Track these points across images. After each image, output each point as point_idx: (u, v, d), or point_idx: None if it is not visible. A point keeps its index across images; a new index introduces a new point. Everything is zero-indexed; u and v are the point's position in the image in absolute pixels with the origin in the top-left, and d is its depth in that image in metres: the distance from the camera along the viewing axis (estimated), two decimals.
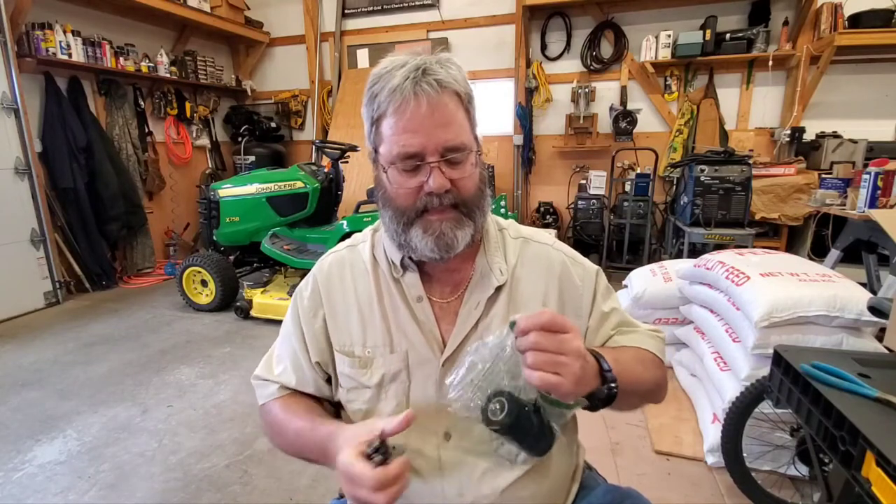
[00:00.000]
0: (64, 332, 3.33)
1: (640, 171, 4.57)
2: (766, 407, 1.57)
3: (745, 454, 1.60)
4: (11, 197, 3.65)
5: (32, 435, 2.13)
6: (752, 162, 3.64)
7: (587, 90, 4.72)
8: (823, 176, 3.56)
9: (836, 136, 3.93)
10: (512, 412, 0.58)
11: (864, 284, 1.89)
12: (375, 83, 0.70)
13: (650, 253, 4.36)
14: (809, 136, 4.16)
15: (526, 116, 4.94)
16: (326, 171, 3.80)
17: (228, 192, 3.71)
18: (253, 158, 5.32)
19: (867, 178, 2.53)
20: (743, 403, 1.56)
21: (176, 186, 5.27)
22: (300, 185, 3.59)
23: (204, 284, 3.69)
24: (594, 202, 4.59)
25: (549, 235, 0.88)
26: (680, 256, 3.65)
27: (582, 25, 4.75)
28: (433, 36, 5.22)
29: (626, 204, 4.34)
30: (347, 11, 5.46)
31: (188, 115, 5.29)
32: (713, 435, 1.79)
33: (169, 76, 4.87)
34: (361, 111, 0.75)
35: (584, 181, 4.83)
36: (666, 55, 4.37)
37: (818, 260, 2.87)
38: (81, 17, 4.24)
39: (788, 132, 4.20)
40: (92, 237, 4.18)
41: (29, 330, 3.39)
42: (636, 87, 4.73)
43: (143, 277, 4.63)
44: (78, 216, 4.10)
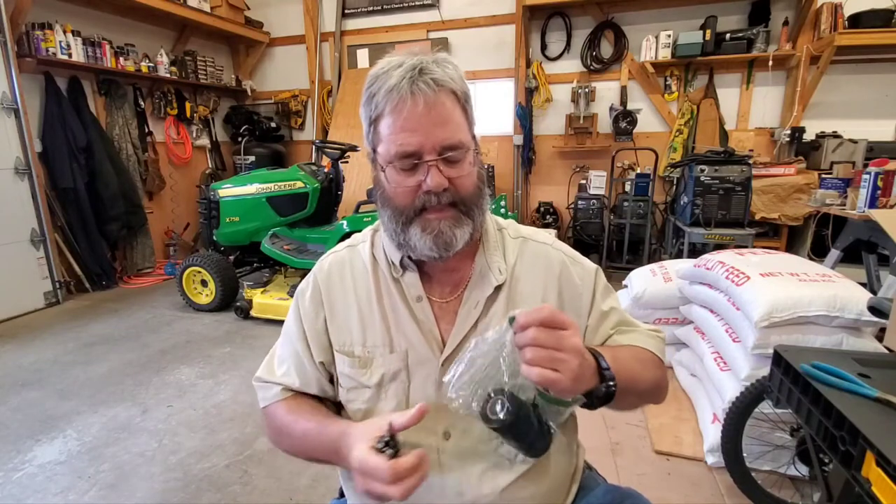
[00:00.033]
0: (64, 332, 3.33)
1: (640, 171, 4.57)
2: (766, 407, 1.57)
3: (745, 454, 1.60)
4: (11, 197, 3.66)
5: (32, 435, 2.13)
6: (752, 162, 3.64)
7: (587, 90, 4.72)
8: (823, 176, 3.56)
9: (836, 136, 3.93)
10: (511, 411, 0.57)
11: (864, 284, 1.89)
12: (373, 83, 0.70)
13: (650, 253, 4.36)
14: (809, 136, 4.16)
15: (526, 116, 4.94)
16: (326, 171, 3.80)
17: (228, 192, 3.71)
18: (253, 158, 5.32)
19: (867, 178, 2.53)
20: (743, 403, 1.56)
21: (176, 186, 5.27)
22: (300, 185, 3.59)
23: (204, 284, 3.70)
24: (594, 202, 4.59)
25: (548, 235, 0.87)
26: (680, 256, 3.64)
27: (582, 25, 4.75)
28: (433, 36, 5.22)
29: (626, 204, 4.34)
30: (347, 11, 5.46)
31: (188, 115, 5.30)
32: (713, 435, 1.79)
33: (169, 76, 4.87)
34: (359, 112, 0.75)
35: (584, 181, 4.83)
36: (666, 55, 4.37)
37: (818, 260, 2.87)
38: (81, 17, 4.24)
39: (788, 132, 4.20)
40: (92, 237, 4.18)
41: (29, 330, 3.39)
42: (636, 87, 4.73)
43: (143, 277, 4.63)
44: (78, 216, 4.10)
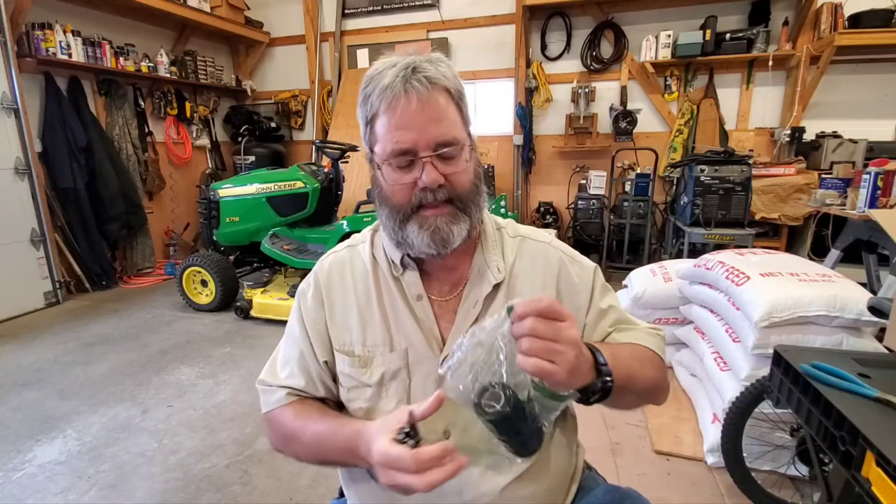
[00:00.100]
0: (64, 332, 3.33)
1: (640, 171, 4.57)
2: (766, 407, 1.57)
3: (745, 454, 1.60)
4: (11, 197, 3.66)
5: (32, 435, 2.13)
6: (752, 162, 3.64)
7: (587, 90, 4.72)
8: (823, 176, 3.56)
9: (836, 136, 3.93)
10: (507, 405, 0.57)
11: (864, 284, 1.89)
12: (368, 84, 0.71)
13: (650, 253, 4.36)
14: (809, 136, 4.16)
15: (526, 116, 4.94)
16: (326, 171, 3.81)
17: (228, 192, 3.71)
18: (253, 158, 5.32)
19: (867, 178, 2.53)
20: (743, 403, 1.56)
21: (176, 186, 5.27)
22: (300, 185, 3.60)
23: (204, 284, 3.69)
24: (594, 202, 4.59)
25: (547, 234, 0.88)
26: (680, 256, 3.64)
27: (582, 25, 4.75)
28: (433, 36, 5.22)
29: (626, 204, 4.34)
30: (347, 11, 5.46)
31: (188, 115, 5.29)
32: (713, 435, 1.79)
33: (169, 76, 4.87)
34: (356, 112, 0.76)
35: (584, 181, 4.83)
36: (666, 55, 4.37)
37: (818, 260, 2.87)
38: (81, 17, 4.24)
39: (788, 132, 4.20)
40: (92, 237, 4.19)
41: (29, 330, 3.39)
42: (636, 87, 4.73)
43: (143, 277, 4.63)
44: (78, 216, 4.10)
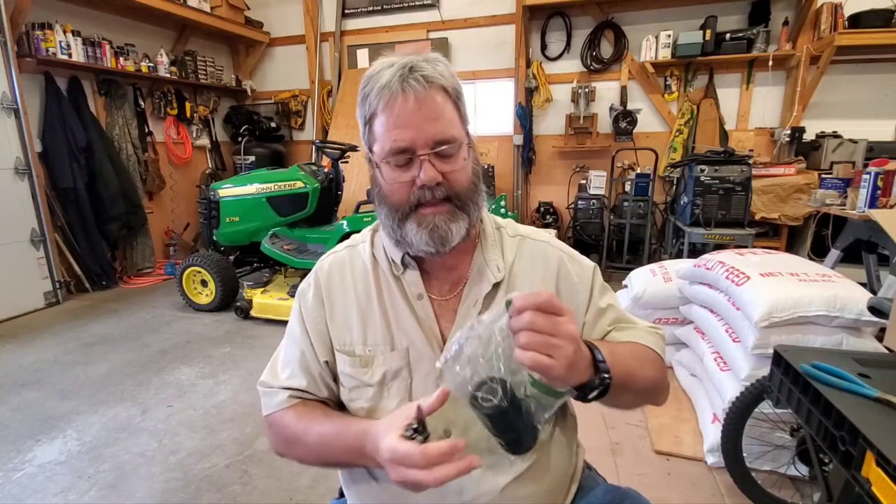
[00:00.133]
0: (64, 332, 3.33)
1: (640, 171, 4.57)
2: (766, 407, 1.57)
3: (745, 454, 1.60)
4: (11, 197, 3.65)
5: (32, 435, 2.13)
6: (752, 162, 3.64)
7: (587, 90, 4.72)
8: (823, 176, 3.56)
9: (836, 136, 3.93)
10: (504, 399, 0.56)
11: (864, 284, 1.89)
12: (366, 84, 0.72)
13: (650, 253, 4.36)
14: (809, 136, 4.16)
15: (526, 116, 4.93)
16: (326, 171, 3.80)
17: (228, 192, 3.71)
18: (253, 158, 5.32)
19: (867, 178, 2.53)
20: (743, 403, 1.56)
21: (176, 186, 5.27)
22: (300, 185, 3.59)
23: (204, 284, 3.69)
24: (594, 202, 4.59)
25: (546, 234, 0.88)
26: (680, 256, 3.64)
27: (582, 25, 4.75)
28: (433, 36, 5.22)
29: (626, 204, 4.34)
30: (347, 11, 5.46)
31: (188, 115, 5.29)
32: (713, 435, 1.79)
33: (169, 76, 4.87)
34: (356, 113, 0.76)
35: (584, 181, 4.82)
36: (666, 55, 4.37)
37: (818, 260, 2.87)
38: (81, 17, 4.24)
39: (788, 132, 4.20)
40: (92, 237, 4.18)
41: (29, 330, 3.39)
42: (636, 87, 4.73)
43: (143, 277, 4.63)
44: (78, 216, 4.10)
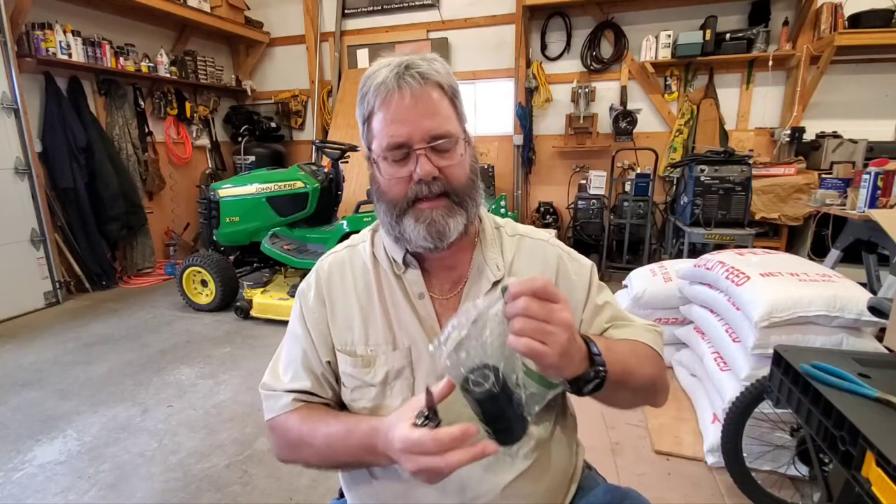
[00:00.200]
0: (64, 332, 3.33)
1: (640, 171, 4.57)
2: (766, 407, 1.57)
3: (745, 454, 1.60)
4: (11, 197, 3.65)
5: (32, 435, 2.13)
6: (752, 162, 3.64)
7: (587, 90, 4.72)
8: (823, 176, 3.56)
9: (836, 136, 3.93)
10: (496, 384, 0.56)
11: (864, 284, 1.89)
12: (364, 84, 0.73)
13: (650, 253, 4.36)
14: (809, 136, 4.16)
15: (526, 116, 4.93)
16: (326, 171, 3.80)
17: (228, 192, 3.71)
18: (253, 158, 5.32)
19: (867, 178, 2.53)
20: (743, 403, 1.56)
21: (176, 186, 5.27)
22: (300, 185, 3.59)
23: (204, 284, 3.69)
24: (594, 202, 4.58)
25: (545, 233, 0.89)
26: (680, 256, 3.64)
27: (582, 25, 4.75)
28: (433, 36, 5.22)
29: (626, 204, 4.34)
30: (347, 11, 5.46)
31: (188, 115, 5.29)
32: (713, 435, 1.79)
33: (169, 76, 4.87)
34: (355, 113, 0.77)
35: (584, 181, 4.82)
36: (666, 55, 4.37)
37: (818, 260, 2.87)
38: (81, 17, 4.24)
39: (788, 132, 4.20)
40: (92, 237, 4.18)
41: (29, 330, 3.39)
42: (636, 87, 4.73)
43: (143, 277, 4.63)
44: (78, 216, 4.10)
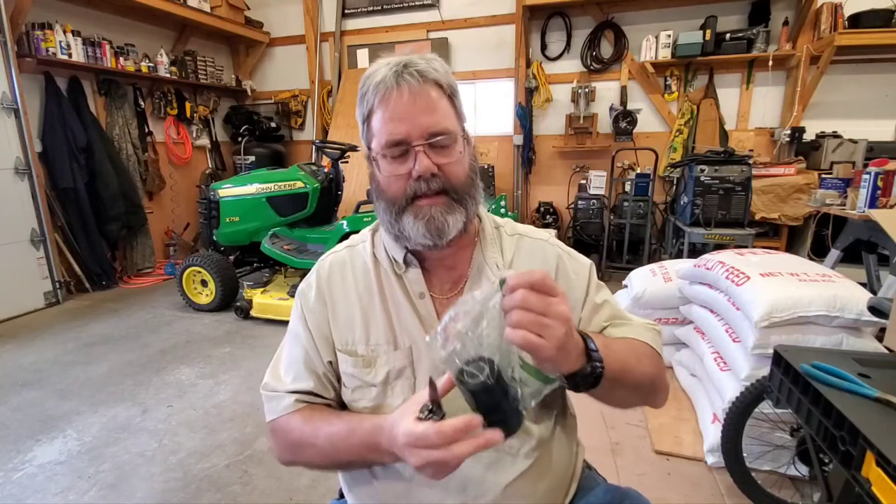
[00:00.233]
0: (64, 332, 3.33)
1: (640, 171, 4.57)
2: (766, 407, 1.57)
3: (745, 454, 1.60)
4: (11, 197, 3.65)
5: (32, 435, 2.13)
6: (752, 162, 3.64)
7: (587, 90, 4.72)
8: (823, 176, 3.56)
9: (836, 136, 3.93)
10: (491, 376, 0.56)
11: (864, 284, 1.89)
12: (364, 83, 0.74)
13: (650, 253, 4.36)
14: (809, 136, 4.16)
15: (526, 116, 4.93)
16: (326, 171, 3.80)
17: (228, 192, 3.71)
18: (253, 158, 5.32)
19: (867, 178, 2.53)
20: (743, 403, 1.56)
21: (176, 186, 5.27)
22: (300, 185, 3.59)
23: (204, 284, 3.69)
24: (594, 202, 4.58)
25: (545, 232, 0.89)
26: (680, 256, 3.64)
27: (582, 25, 4.75)
28: (433, 36, 5.22)
29: (626, 204, 4.34)
30: (347, 11, 5.46)
31: (188, 115, 5.29)
32: (713, 435, 1.79)
33: (169, 76, 4.87)
34: (356, 112, 0.78)
35: (584, 181, 4.82)
36: (666, 55, 4.37)
37: (818, 260, 2.87)
38: (81, 17, 4.24)
39: (788, 132, 4.20)
40: (92, 237, 4.18)
41: (29, 330, 3.39)
42: (636, 87, 4.73)
43: (143, 277, 4.63)
44: (78, 216, 4.10)
